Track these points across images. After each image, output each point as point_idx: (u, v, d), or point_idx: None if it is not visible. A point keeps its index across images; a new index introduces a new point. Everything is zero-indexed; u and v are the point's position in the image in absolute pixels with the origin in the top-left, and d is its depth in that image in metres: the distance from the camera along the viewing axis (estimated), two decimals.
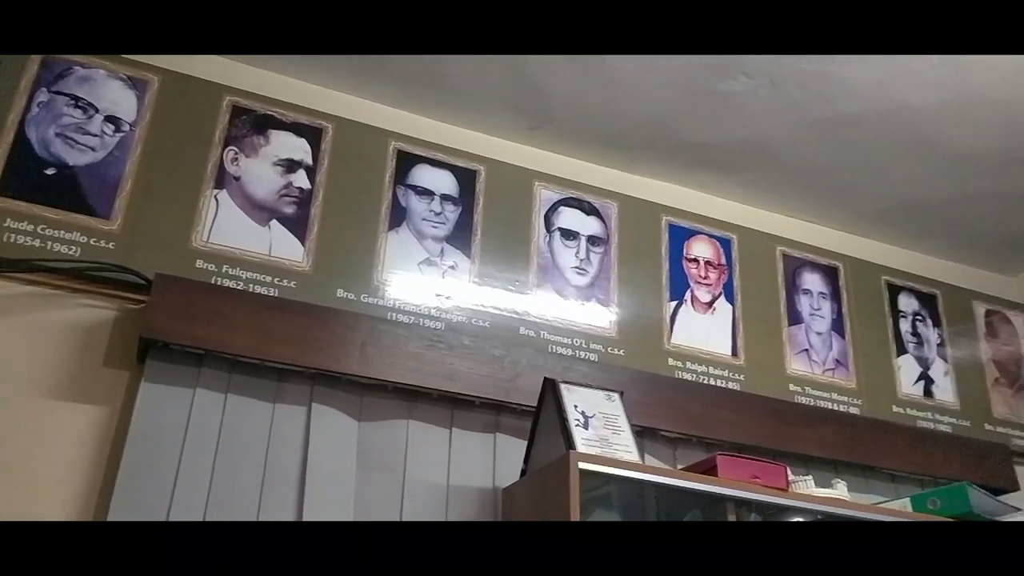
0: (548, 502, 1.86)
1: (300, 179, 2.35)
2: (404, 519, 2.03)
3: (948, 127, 2.65)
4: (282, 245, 2.25)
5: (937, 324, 3.12)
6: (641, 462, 1.98)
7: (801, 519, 2.11)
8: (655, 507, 2.15)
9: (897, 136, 2.69)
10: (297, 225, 2.29)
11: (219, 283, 2.14)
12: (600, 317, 2.55)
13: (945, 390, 2.99)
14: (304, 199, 2.33)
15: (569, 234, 2.64)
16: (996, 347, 3.19)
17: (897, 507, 2.29)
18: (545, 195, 2.66)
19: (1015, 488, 2.82)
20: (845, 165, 2.83)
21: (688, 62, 2.41)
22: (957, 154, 2.76)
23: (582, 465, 1.82)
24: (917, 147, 2.74)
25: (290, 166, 2.35)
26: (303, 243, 2.27)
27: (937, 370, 3.01)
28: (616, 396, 2.10)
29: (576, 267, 2.60)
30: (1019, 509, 2.43)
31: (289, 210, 2.30)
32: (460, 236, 2.46)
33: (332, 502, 1.98)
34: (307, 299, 2.17)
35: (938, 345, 3.07)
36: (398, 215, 2.41)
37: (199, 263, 2.15)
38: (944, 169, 2.83)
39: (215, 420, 1.97)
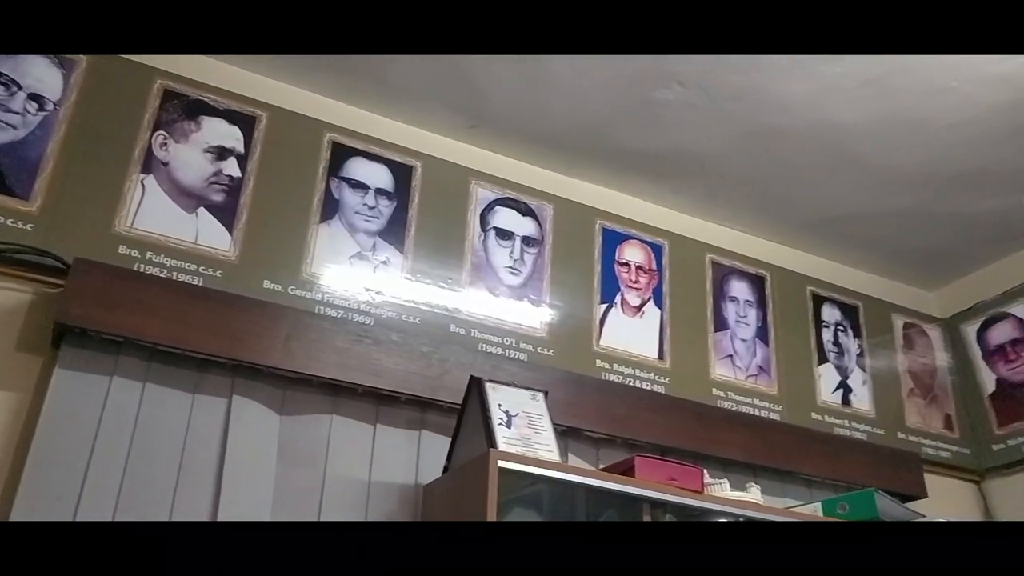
0: (467, 500, 1.87)
1: (231, 167, 2.31)
2: (323, 515, 2.02)
3: (873, 145, 2.74)
4: (209, 233, 2.21)
5: (858, 335, 3.22)
6: (561, 461, 2.01)
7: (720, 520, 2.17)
8: (574, 507, 2.19)
9: (825, 151, 2.77)
10: (225, 214, 2.25)
11: (142, 270, 2.09)
12: (531, 317, 2.57)
13: (862, 399, 3.09)
14: (234, 187, 2.29)
15: (504, 234, 2.66)
16: (912, 359, 3.31)
17: (808, 511, 2.37)
18: (481, 194, 2.67)
19: (923, 495, 2.93)
20: (775, 177, 2.91)
21: (625, 69, 2.45)
22: (881, 171, 2.86)
23: (502, 463, 1.83)
24: (844, 163, 2.82)
25: (221, 153, 2.31)
26: (231, 232, 2.24)
27: (856, 379, 3.11)
28: (540, 396, 2.12)
29: (510, 267, 2.62)
30: (924, 516, 2.53)
31: (218, 198, 2.26)
32: (394, 231, 2.46)
33: (250, 496, 1.96)
34: (232, 289, 2.14)
35: (858, 355, 3.17)
36: (330, 208, 2.39)
37: (121, 249, 2.10)
38: (869, 185, 2.93)
39: (131, 410, 1.93)
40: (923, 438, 3.15)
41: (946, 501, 3.05)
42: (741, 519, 2.15)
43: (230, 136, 2.34)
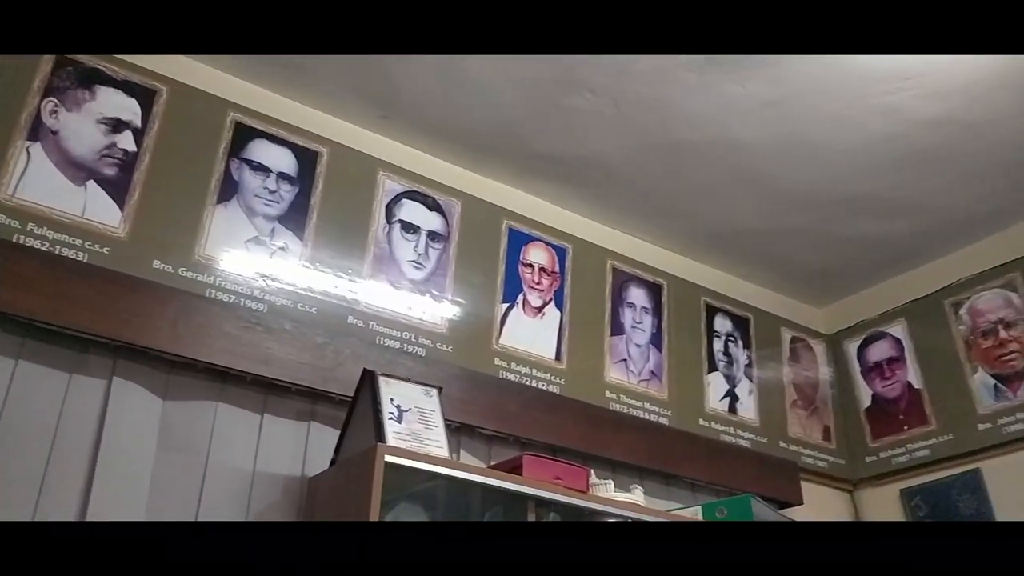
0: (353, 494, 1.85)
1: (126, 140, 2.22)
2: (203, 504, 1.97)
3: (771, 164, 2.85)
4: (98, 208, 2.12)
5: (747, 346, 3.35)
6: (450, 458, 2.01)
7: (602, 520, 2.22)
8: (465, 504, 2.20)
9: (726, 167, 2.87)
10: (117, 189, 2.17)
11: (21, 242, 1.99)
12: (432, 313, 2.57)
13: (748, 408, 3.21)
14: (128, 162, 2.21)
15: (410, 227, 2.64)
16: (797, 372, 3.47)
17: (689, 514, 2.45)
18: (389, 185, 2.65)
19: (799, 502, 3.07)
20: (677, 189, 2.99)
21: (539, 73, 2.47)
22: (778, 190, 2.98)
23: (389, 458, 1.83)
24: (743, 180, 2.93)
25: (116, 126, 2.22)
26: (121, 208, 2.16)
27: (743, 388, 3.23)
28: (434, 392, 2.12)
29: (413, 261, 2.61)
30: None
31: (110, 172, 2.17)
32: (294, 217, 2.41)
33: (125, 482, 1.90)
34: (120, 268, 2.06)
35: (746, 365, 3.30)
36: (229, 189, 2.33)
37: (1, 219, 1.99)
38: (765, 202, 3.05)
39: (0, 387, 1.84)
40: (803, 448, 3.29)
41: (820, 509, 3.21)
42: (628, 519, 2.21)
43: (127, 109, 2.25)
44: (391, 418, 1.97)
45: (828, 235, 3.24)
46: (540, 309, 2.83)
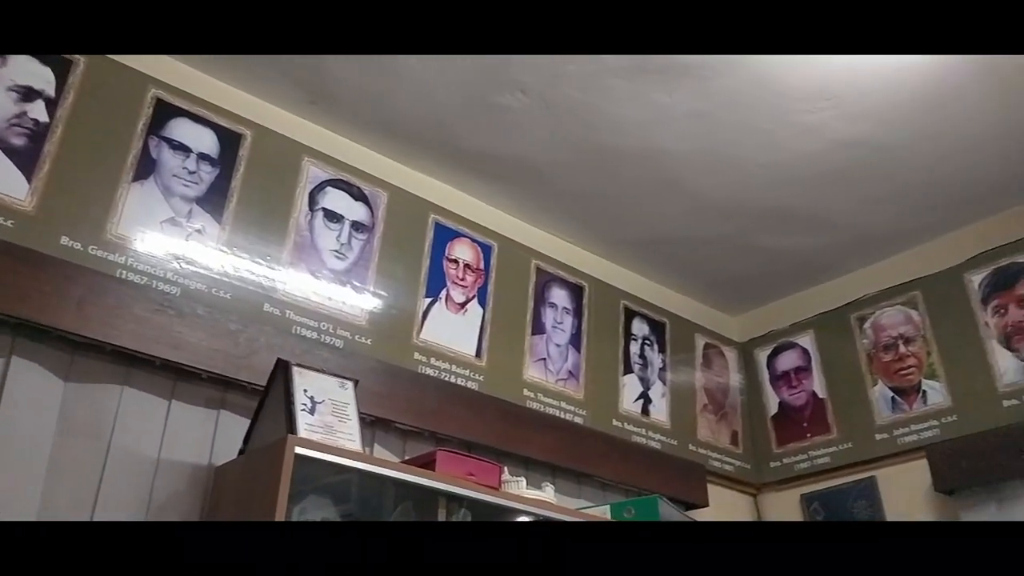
0: (261, 484, 1.82)
1: (37, 110, 2.13)
2: (102, 491, 1.91)
3: (695, 173, 2.92)
4: (3, 179, 2.03)
5: (662, 350, 3.42)
6: (362, 451, 2.00)
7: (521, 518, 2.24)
8: (378, 498, 2.18)
9: (651, 175, 2.92)
10: (25, 160, 2.07)
11: None
12: (352, 304, 2.54)
13: (660, 410, 3.28)
14: (39, 133, 2.11)
15: (333, 216, 2.61)
16: (709, 377, 3.56)
17: (598, 513, 2.49)
18: (313, 172, 2.61)
19: (705, 504, 3.16)
20: (603, 193, 3.03)
21: (472, 69, 2.47)
22: (700, 199, 3.05)
23: (299, 450, 1.80)
24: (666, 188, 2.99)
25: (27, 94, 2.13)
26: (29, 181, 2.06)
27: (656, 391, 3.30)
28: (350, 384, 2.10)
29: (335, 250, 2.58)
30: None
31: (18, 142, 2.08)
32: (213, 200, 2.35)
33: (20, 464, 1.82)
34: (24, 242, 1.98)
35: (660, 369, 3.37)
36: (146, 167, 2.26)
37: None
38: (687, 211, 3.12)
39: None
40: (711, 451, 3.39)
41: (725, 511, 3.31)
42: (539, 517, 2.24)
43: (40, 77, 2.16)
44: (304, 409, 1.94)
45: (745, 246, 3.34)
46: (463, 305, 2.83)
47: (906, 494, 3.05)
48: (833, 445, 3.32)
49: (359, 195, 2.70)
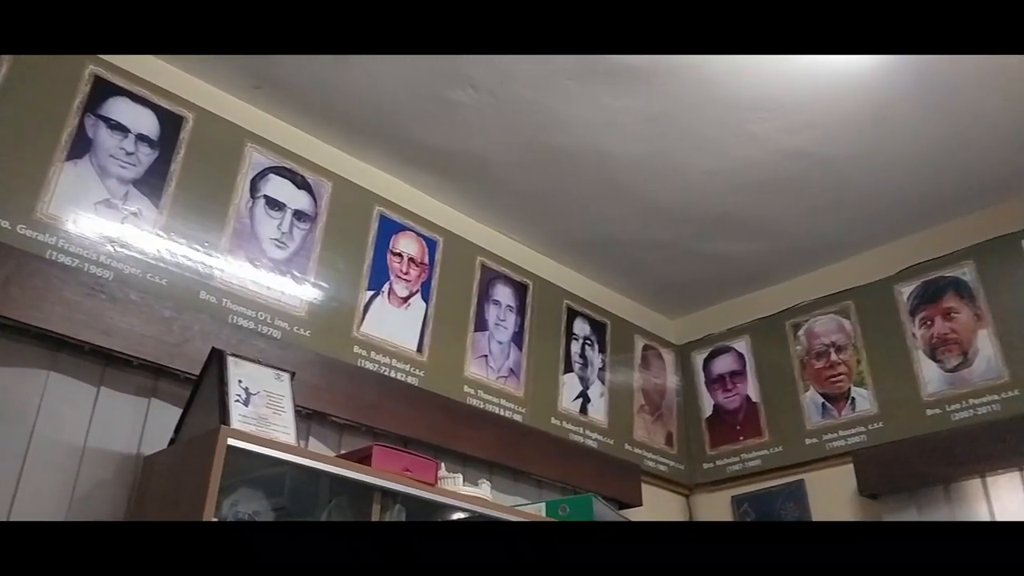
0: (190, 475, 1.78)
1: None
2: (23, 478, 1.84)
3: (640, 177, 2.95)
4: None
5: (603, 350, 3.46)
6: (296, 444, 1.97)
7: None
8: (313, 492, 2.15)
9: (598, 177, 2.95)
10: None
11: None
12: (291, 294, 2.50)
13: (598, 410, 3.31)
14: None
15: (275, 204, 2.56)
16: (647, 378, 3.61)
17: (533, 511, 2.50)
18: (256, 158, 2.56)
19: (639, 503, 3.20)
20: (550, 193, 3.04)
21: (422, 62, 2.45)
22: (644, 203, 3.09)
23: (231, 441, 1.76)
24: (613, 190, 3.02)
25: None
26: None
27: (595, 391, 3.33)
28: (286, 376, 2.07)
29: (276, 239, 2.53)
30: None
31: None
32: (151, 182, 2.29)
33: None
34: None
35: (600, 369, 3.40)
36: (81, 146, 2.18)
37: None
38: (632, 214, 3.15)
39: None
40: (646, 451, 3.44)
41: (658, 510, 3.36)
42: (475, 514, 2.25)
43: None
44: (238, 400, 1.91)
45: (687, 251, 3.39)
46: (406, 299, 2.81)
47: (832, 497, 3.14)
48: (764, 448, 3.40)
49: (302, 184, 2.65)
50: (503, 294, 3.14)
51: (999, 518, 2.70)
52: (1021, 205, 3.01)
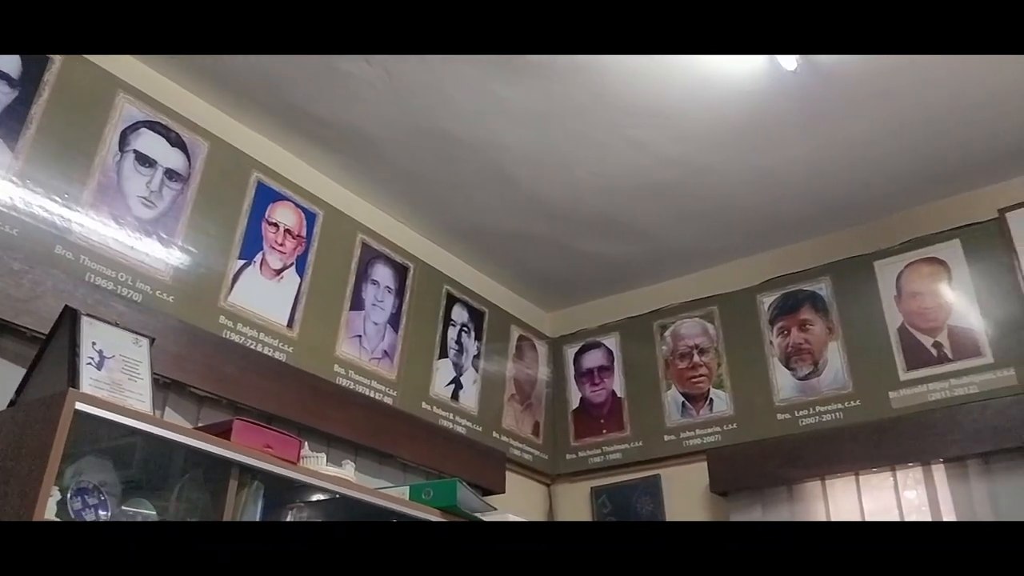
0: (32, 440, 1.65)
1: None
2: None
3: (527, 171, 2.97)
4: None
5: (479, 338, 3.47)
6: (152, 414, 1.87)
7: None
8: (166, 464, 2.05)
9: (485, 165, 2.95)
10: None
11: None
12: (156, 257, 2.37)
13: (470, 396, 3.33)
14: None
15: (146, 160, 2.42)
16: (519, 368, 3.65)
17: (397, 493, 2.47)
18: (128, 110, 2.40)
19: (502, 491, 3.23)
20: (437, 177, 3.02)
21: None
22: (529, 196, 3.11)
23: (80, 406, 1.65)
24: (499, 181, 3.03)
25: None
26: None
27: (468, 378, 3.34)
28: (145, 342, 1.95)
29: (144, 197, 2.39)
30: (496, 508, 2.79)
31: None
32: (8, 125, 2.10)
33: None
34: None
35: (474, 356, 3.41)
36: None
37: None
38: (516, 206, 3.17)
39: None
40: (513, 440, 3.48)
41: (520, 498, 3.41)
42: (336, 494, 2.21)
43: None
44: (90, 363, 1.79)
45: (566, 247, 3.45)
46: (279, 272, 2.72)
47: (685, 493, 3.28)
48: (626, 443, 3.51)
49: (177, 141, 2.52)
50: (382, 274, 3.09)
51: (834, 518, 2.90)
52: (876, 228, 3.23)
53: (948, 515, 2.72)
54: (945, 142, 2.83)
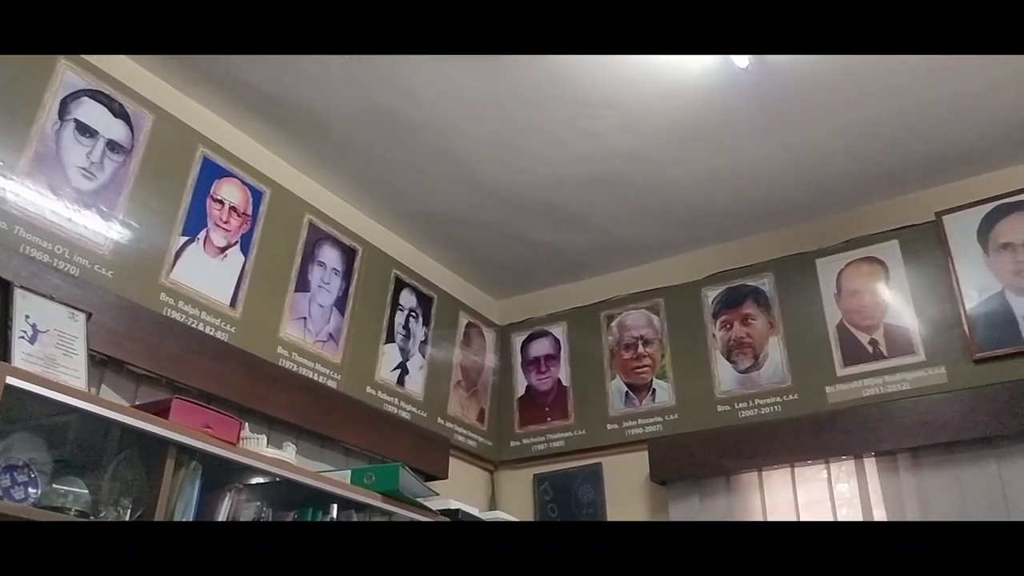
0: None
1: None
2: None
3: (481, 157, 2.96)
4: None
5: (427, 323, 3.46)
6: (87, 391, 1.82)
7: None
8: (100, 443, 2.00)
9: (439, 150, 2.93)
10: None
11: None
12: (95, 230, 2.30)
13: (416, 382, 3.31)
14: None
15: (86, 130, 2.34)
16: (466, 355, 3.65)
17: (339, 477, 2.46)
18: (69, 78, 2.32)
19: (445, 476, 3.23)
20: (390, 160, 2.99)
21: None
22: (481, 183, 3.11)
23: (11, 380, 1.61)
24: (452, 165, 3.01)
25: None
26: None
27: (415, 363, 3.33)
28: (81, 317, 1.91)
29: (84, 168, 2.32)
30: (438, 494, 2.79)
31: None
32: None
33: None
34: None
35: (422, 342, 3.40)
36: None
37: None
38: (468, 192, 3.16)
39: None
40: (458, 426, 3.48)
41: (463, 484, 3.41)
42: (277, 477, 2.18)
43: None
44: (23, 337, 1.74)
45: (517, 235, 3.45)
46: (223, 250, 2.67)
47: (626, 482, 3.33)
48: (569, 431, 3.54)
49: (120, 112, 2.44)
50: (330, 256, 3.06)
51: (770, 509, 2.97)
52: (819, 227, 3.31)
53: (878, 507, 2.81)
54: (887, 145, 2.91)
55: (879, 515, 2.79)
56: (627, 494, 3.31)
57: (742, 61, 2.47)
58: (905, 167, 3.03)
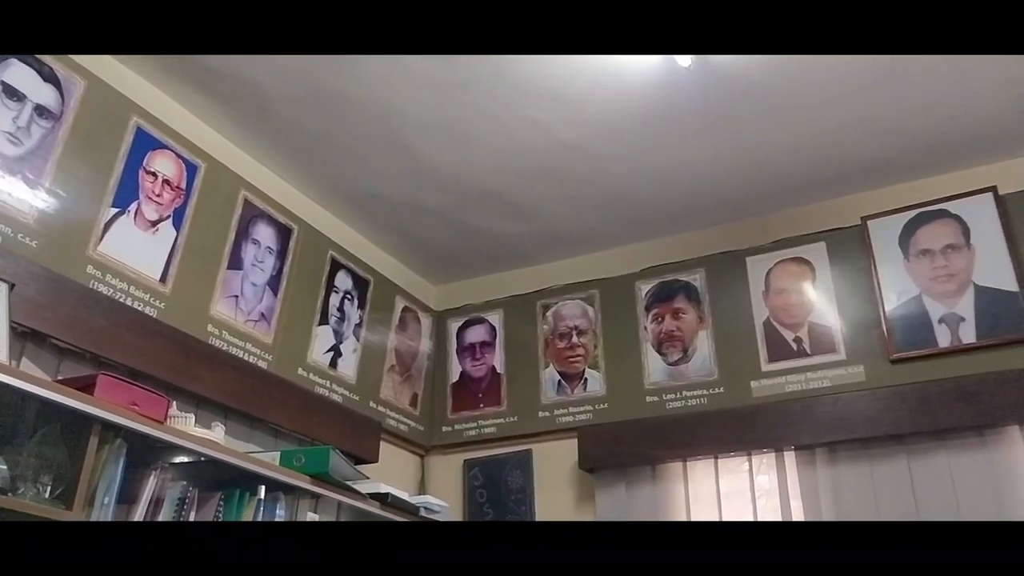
0: None
1: None
2: None
3: (424, 141, 2.95)
4: None
5: (362, 306, 3.43)
6: (7, 364, 1.76)
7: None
8: (17, 417, 1.93)
9: (385, 132, 2.90)
10: None
11: None
12: (19, 198, 2.21)
13: (349, 365, 3.29)
14: None
15: (13, 93, 2.25)
16: (402, 339, 3.64)
17: (267, 459, 2.43)
18: None
19: (375, 460, 3.22)
20: (331, 139, 2.95)
21: None
22: (423, 167, 3.09)
23: None
24: (396, 149, 2.99)
25: None
26: None
27: (348, 346, 3.30)
28: (3, 287, 1.85)
29: (9, 133, 2.22)
30: (368, 478, 2.79)
31: None
32: None
33: None
34: None
35: (356, 325, 3.38)
36: None
37: None
38: (409, 175, 3.15)
39: None
40: (390, 410, 3.47)
41: (393, 469, 3.41)
42: (203, 457, 2.14)
43: None
44: None
45: (456, 221, 3.45)
46: (155, 224, 2.60)
47: (555, 469, 3.38)
48: (501, 417, 3.57)
49: (50, 76, 2.35)
50: (264, 234, 3.00)
51: (693, 499, 3.05)
52: (751, 226, 3.40)
53: (795, 499, 2.92)
54: (818, 150, 3.01)
55: (796, 506, 2.90)
56: (555, 481, 3.36)
57: (684, 60, 2.52)
58: (835, 172, 3.13)
